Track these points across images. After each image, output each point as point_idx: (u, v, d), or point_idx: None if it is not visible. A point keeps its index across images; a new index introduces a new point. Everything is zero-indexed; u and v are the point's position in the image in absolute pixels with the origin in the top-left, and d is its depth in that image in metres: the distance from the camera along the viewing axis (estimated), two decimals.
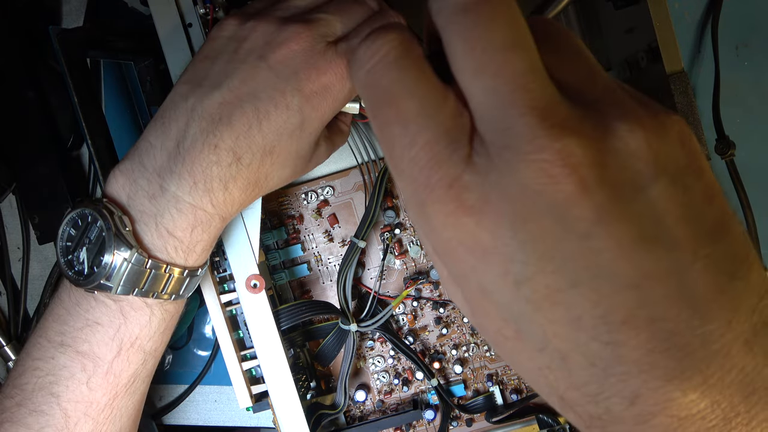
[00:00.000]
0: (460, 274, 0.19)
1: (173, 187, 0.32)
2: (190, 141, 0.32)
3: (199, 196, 0.32)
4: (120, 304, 0.33)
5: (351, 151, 0.47)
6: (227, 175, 0.32)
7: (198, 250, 0.34)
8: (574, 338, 0.17)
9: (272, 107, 0.32)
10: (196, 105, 0.32)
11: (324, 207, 0.48)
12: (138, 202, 0.32)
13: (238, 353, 0.41)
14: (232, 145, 0.32)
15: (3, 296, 0.54)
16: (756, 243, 0.46)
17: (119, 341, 0.33)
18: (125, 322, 0.33)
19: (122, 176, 0.33)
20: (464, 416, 0.49)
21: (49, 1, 0.52)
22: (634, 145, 0.17)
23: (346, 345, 0.45)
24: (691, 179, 0.17)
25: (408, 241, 0.48)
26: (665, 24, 0.37)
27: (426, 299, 0.48)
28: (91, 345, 0.33)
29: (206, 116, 0.32)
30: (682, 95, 0.38)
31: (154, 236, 0.32)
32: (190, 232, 0.33)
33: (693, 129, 0.37)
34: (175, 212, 0.32)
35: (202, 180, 0.32)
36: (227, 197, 0.33)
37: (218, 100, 0.32)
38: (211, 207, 0.33)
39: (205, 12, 0.39)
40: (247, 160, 0.32)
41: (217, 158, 0.32)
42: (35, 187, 0.49)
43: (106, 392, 0.34)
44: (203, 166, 0.32)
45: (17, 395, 0.33)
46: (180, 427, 0.53)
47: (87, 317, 0.33)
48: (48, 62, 0.50)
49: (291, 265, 0.48)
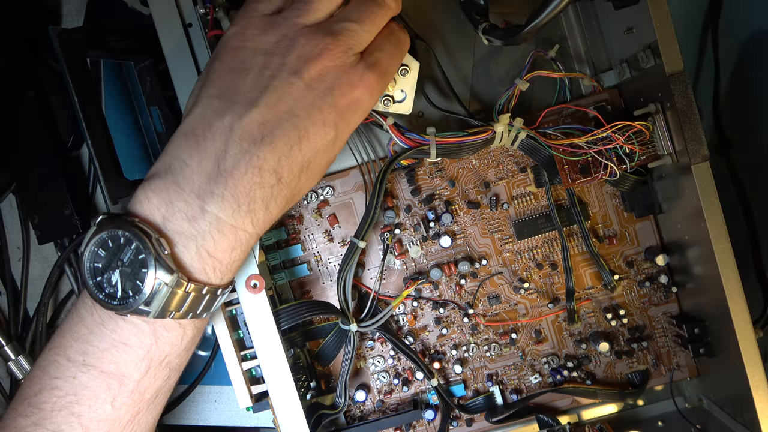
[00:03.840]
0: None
1: (215, 209, 0.31)
2: (231, 162, 0.31)
3: (242, 218, 0.32)
4: (154, 325, 0.32)
5: (351, 151, 0.47)
6: (269, 195, 0.32)
7: (234, 269, 0.34)
8: None
9: (311, 125, 0.32)
10: (234, 124, 0.31)
11: (324, 207, 0.48)
12: (176, 224, 0.31)
13: (238, 353, 0.41)
14: (275, 166, 0.32)
15: (3, 296, 0.54)
16: (756, 243, 0.46)
17: (148, 360, 0.33)
18: (156, 342, 0.33)
19: (155, 196, 0.31)
20: (464, 416, 0.49)
21: (49, 1, 0.52)
22: None
23: (346, 345, 0.45)
24: None
25: (408, 241, 0.48)
26: (665, 24, 0.37)
27: (426, 299, 0.48)
28: (118, 365, 0.32)
29: (247, 136, 0.31)
30: (682, 95, 0.37)
31: (194, 259, 0.32)
32: (230, 253, 0.33)
33: (693, 129, 0.38)
34: (216, 234, 0.31)
35: (246, 202, 0.31)
36: (267, 216, 0.33)
37: (258, 120, 0.31)
38: (252, 227, 0.33)
39: (205, 12, 0.39)
40: (287, 179, 0.33)
41: (260, 180, 0.31)
42: (35, 187, 0.49)
43: (130, 409, 0.33)
44: (247, 188, 0.31)
45: (34, 414, 0.32)
46: (180, 427, 0.53)
47: (113, 337, 0.32)
48: (48, 62, 0.50)
49: (291, 265, 0.48)
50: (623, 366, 0.48)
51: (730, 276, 0.38)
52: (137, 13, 0.49)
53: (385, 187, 0.45)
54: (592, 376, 0.48)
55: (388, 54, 0.36)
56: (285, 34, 0.33)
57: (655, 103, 0.40)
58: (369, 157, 0.46)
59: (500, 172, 0.47)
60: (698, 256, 0.41)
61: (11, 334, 0.52)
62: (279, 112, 0.31)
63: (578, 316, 0.47)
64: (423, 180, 0.48)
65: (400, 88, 0.40)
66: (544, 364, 0.48)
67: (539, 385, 0.49)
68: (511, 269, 0.48)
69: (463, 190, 0.47)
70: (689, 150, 0.38)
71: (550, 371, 0.48)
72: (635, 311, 0.47)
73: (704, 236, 0.38)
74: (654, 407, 0.49)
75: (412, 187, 0.47)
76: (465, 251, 0.48)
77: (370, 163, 0.46)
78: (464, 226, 0.48)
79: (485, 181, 0.47)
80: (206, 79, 0.33)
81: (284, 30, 0.33)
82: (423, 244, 0.48)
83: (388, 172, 0.44)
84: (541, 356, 0.48)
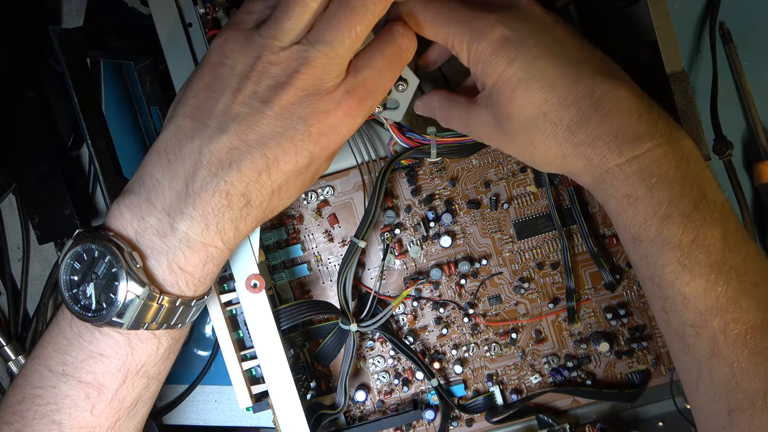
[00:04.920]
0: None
1: (184, 228, 0.32)
2: (199, 185, 0.31)
3: (211, 236, 0.32)
4: (128, 337, 0.33)
5: (351, 151, 0.47)
6: (238, 217, 0.32)
7: (208, 281, 0.35)
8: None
9: (281, 153, 0.32)
10: (203, 148, 0.31)
11: (324, 207, 0.48)
12: (147, 239, 0.32)
13: (238, 353, 0.41)
14: (243, 190, 0.32)
15: (3, 296, 0.54)
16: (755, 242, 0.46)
17: (125, 371, 0.33)
18: (132, 353, 0.33)
19: (128, 212, 0.32)
20: (464, 416, 0.49)
21: (49, 1, 0.52)
22: None
23: (346, 345, 0.45)
24: None
25: (408, 241, 0.48)
26: (665, 24, 0.37)
27: (426, 299, 0.48)
28: (95, 375, 0.33)
29: (214, 161, 0.31)
30: (682, 95, 0.37)
31: (166, 272, 0.32)
32: (202, 267, 0.33)
33: (693, 129, 0.38)
34: (186, 250, 0.32)
35: (214, 223, 0.32)
36: (237, 234, 0.33)
37: (227, 146, 0.31)
38: (222, 244, 0.33)
39: (205, 12, 0.39)
40: (257, 202, 0.33)
41: (228, 203, 0.32)
42: (35, 187, 0.49)
43: (109, 417, 0.34)
44: (215, 209, 0.32)
45: (17, 422, 0.33)
46: (180, 427, 0.53)
47: (91, 349, 0.33)
48: (48, 62, 0.50)
49: (291, 265, 0.48)
50: (623, 366, 0.48)
51: None
52: (137, 13, 0.49)
53: (385, 186, 0.45)
54: (592, 376, 0.48)
55: (378, 72, 0.33)
56: (260, 56, 0.31)
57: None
58: (369, 156, 0.46)
59: (500, 171, 0.47)
60: None
61: (11, 334, 0.52)
62: (248, 140, 0.31)
63: (578, 316, 0.47)
64: (423, 180, 0.48)
65: (392, 98, 0.38)
66: (545, 364, 0.48)
67: (539, 385, 0.49)
68: (511, 269, 0.48)
69: (463, 190, 0.47)
70: None
71: (550, 371, 0.48)
72: (635, 311, 0.47)
73: None
74: (654, 407, 0.49)
75: (412, 187, 0.47)
76: (465, 251, 0.48)
77: (370, 163, 0.47)
78: (464, 226, 0.48)
79: (485, 180, 0.47)
80: (182, 95, 0.33)
81: (260, 51, 0.31)
82: (423, 244, 0.48)
83: (389, 172, 0.44)
84: (541, 356, 0.48)
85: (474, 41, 0.32)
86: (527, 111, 0.33)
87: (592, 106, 0.31)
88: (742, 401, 0.30)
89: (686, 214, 0.31)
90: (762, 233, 0.49)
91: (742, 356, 0.30)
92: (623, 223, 0.33)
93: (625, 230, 0.33)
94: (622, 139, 0.31)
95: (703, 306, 0.31)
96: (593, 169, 0.33)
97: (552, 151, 0.33)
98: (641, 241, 0.32)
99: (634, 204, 0.32)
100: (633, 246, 0.33)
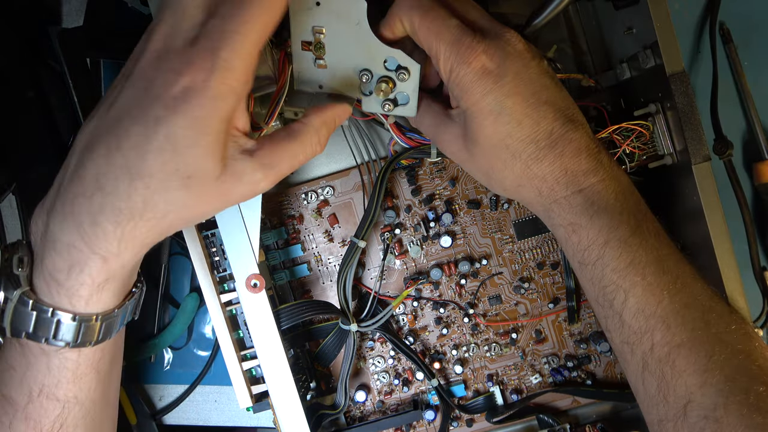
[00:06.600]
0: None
1: (52, 225, 0.30)
2: (69, 175, 0.30)
3: (70, 232, 0.30)
4: (24, 348, 0.32)
5: (351, 151, 0.47)
6: (96, 210, 0.29)
7: (83, 294, 0.31)
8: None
9: (132, 124, 0.29)
10: (81, 136, 0.30)
11: (324, 207, 0.48)
12: (35, 242, 0.31)
13: (238, 353, 0.41)
14: (95, 173, 0.29)
15: None
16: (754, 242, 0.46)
17: (28, 387, 0.32)
18: (29, 368, 0.32)
19: (35, 215, 0.32)
20: (464, 416, 0.49)
21: (49, 1, 0.52)
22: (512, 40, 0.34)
23: (346, 345, 0.45)
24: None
25: (408, 241, 0.48)
26: (665, 24, 0.37)
27: (426, 299, 0.48)
28: (8, 388, 0.32)
29: (79, 146, 0.30)
30: (682, 95, 0.38)
31: (40, 278, 0.31)
32: (67, 273, 0.30)
33: (693, 129, 0.38)
34: (53, 252, 0.30)
35: (71, 213, 0.29)
36: (98, 232, 0.29)
37: (90, 127, 0.30)
38: (83, 243, 0.30)
39: None
40: (110, 188, 0.29)
41: (83, 189, 0.29)
42: (35, 187, 0.49)
43: None
44: (71, 198, 0.30)
45: None
46: (180, 427, 0.53)
47: (6, 359, 0.33)
48: (48, 62, 0.50)
49: (291, 265, 0.48)
50: None
51: (731, 275, 0.38)
52: (137, 13, 0.49)
53: (385, 186, 0.45)
54: (592, 376, 0.48)
55: (220, 18, 0.28)
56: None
57: (656, 103, 0.40)
58: (369, 156, 0.46)
59: None
60: (698, 256, 0.41)
61: None
62: (108, 119, 0.29)
63: (578, 315, 0.47)
64: (423, 180, 0.48)
65: (400, 91, 0.38)
66: (545, 364, 0.48)
67: (539, 385, 0.49)
68: (511, 269, 0.48)
69: (463, 190, 0.47)
70: (690, 150, 0.38)
71: (550, 371, 0.48)
72: None
73: (704, 236, 0.39)
74: None
75: (412, 187, 0.47)
76: (465, 251, 0.48)
77: (370, 163, 0.47)
78: (464, 226, 0.48)
79: None
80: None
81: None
82: (423, 244, 0.48)
83: (389, 172, 0.44)
84: (541, 356, 0.48)
85: (458, 66, 0.34)
86: (492, 140, 0.35)
87: (548, 145, 0.34)
88: (669, 413, 0.33)
89: (623, 239, 0.34)
90: (762, 233, 0.49)
91: (668, 373, 0.33)
92: (571, 248, 0.36)
93: (573, 256, 0.36)
94: (570, 175, 0.34)
95: (636, 325, 0.34)
96: (543, 200, 0.36)
97: (508, 180, 0.36)
98: (586, 265, 0.35)
99: (578, 231, 0.35)
100: (580, 270, 0.36)
